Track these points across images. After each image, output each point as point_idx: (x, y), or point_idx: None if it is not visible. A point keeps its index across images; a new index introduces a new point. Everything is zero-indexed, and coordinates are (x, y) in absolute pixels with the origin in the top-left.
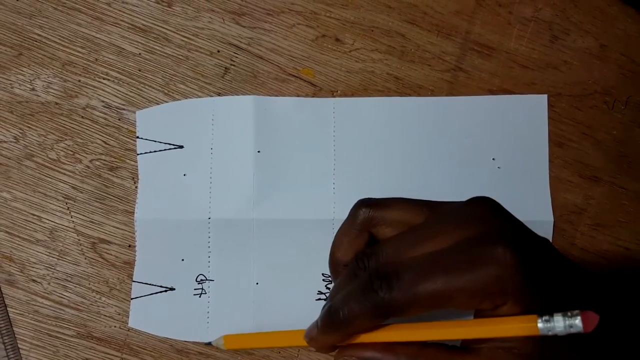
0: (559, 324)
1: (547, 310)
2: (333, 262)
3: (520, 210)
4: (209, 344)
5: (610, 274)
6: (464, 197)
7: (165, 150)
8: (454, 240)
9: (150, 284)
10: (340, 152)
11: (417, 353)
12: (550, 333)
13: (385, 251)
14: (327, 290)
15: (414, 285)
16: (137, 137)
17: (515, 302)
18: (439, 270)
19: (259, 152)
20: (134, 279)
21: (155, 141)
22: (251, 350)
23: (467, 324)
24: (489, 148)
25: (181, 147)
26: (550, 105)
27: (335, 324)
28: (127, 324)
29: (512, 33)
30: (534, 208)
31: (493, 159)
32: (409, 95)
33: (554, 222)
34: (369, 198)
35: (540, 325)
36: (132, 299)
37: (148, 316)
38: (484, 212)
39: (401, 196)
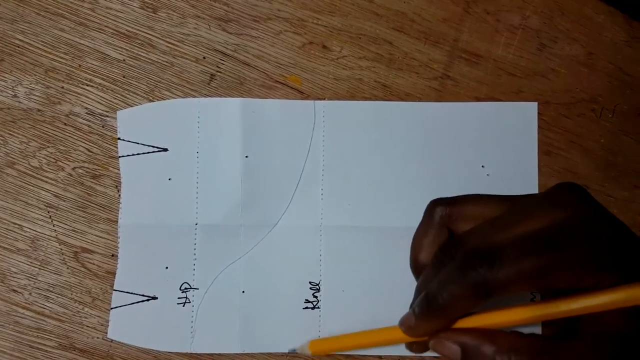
0: None
1: None
2: (416, 265)
3: None
4: (293, 351)
5: None
6: None
7: (148, 153)
8: (548, 222)
9: (131, 293)
10: (329, 157)
11: (516, 342)
12: None
13: (475, 236)
14: (315, 299)
15: (516, 262)
16: (118, 139)
17: (619, 276)
18: (541, 246)
19: (246, 157)
20: (114, 288)
21: (137, 143)
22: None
23: (570, 300)
24: (478, 155)
25: (165, 149)
26: (538, 113)
27: (434, 310)
28: None
29: (500, 41)
30: None
31: (482, 166)
32: None
33: None
34: (441, 198)
35: None
36: (111, 308)
37: (128, 327)
38: (575, 197)
39: (389, 201)
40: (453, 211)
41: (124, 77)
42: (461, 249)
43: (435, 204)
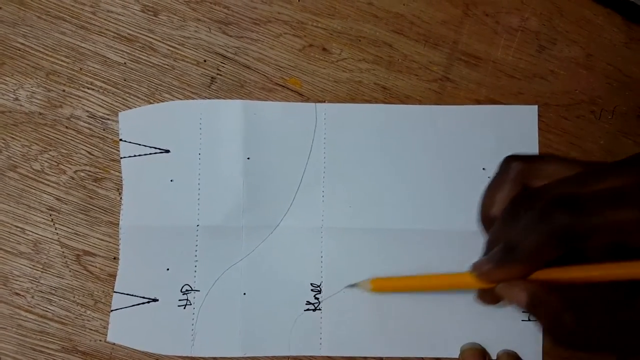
0: None
1: None
2: (486, 218)
3: None
4: (354, 286)
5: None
6: (454, 207)
7: (150, 154)
8: (633, 181)
9: (132, 295)
10: (330, 159)
11: (583, 299)
12: None
13: (556, 188)
14: (316, 301)
15: (602, 212)
16: (120, 140)
17: None
18: (626, 200)
19: (248, 158)
20: (115, 290)
21: (139, 144)
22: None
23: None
24: (480, 158)
25: (167, 151)
26: (538, 116)
27: (514, 258)
28: None
29: (499, 43)
30: None
31: (483, 168)
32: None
33: None
34: (517, 154)
35: None
36: (111, 311)
37: (128, 329)
38: None
39: (390, 203)
40: (530, 167)
41: (125, 80)
42: (542, 199)
43: (511, 160)
